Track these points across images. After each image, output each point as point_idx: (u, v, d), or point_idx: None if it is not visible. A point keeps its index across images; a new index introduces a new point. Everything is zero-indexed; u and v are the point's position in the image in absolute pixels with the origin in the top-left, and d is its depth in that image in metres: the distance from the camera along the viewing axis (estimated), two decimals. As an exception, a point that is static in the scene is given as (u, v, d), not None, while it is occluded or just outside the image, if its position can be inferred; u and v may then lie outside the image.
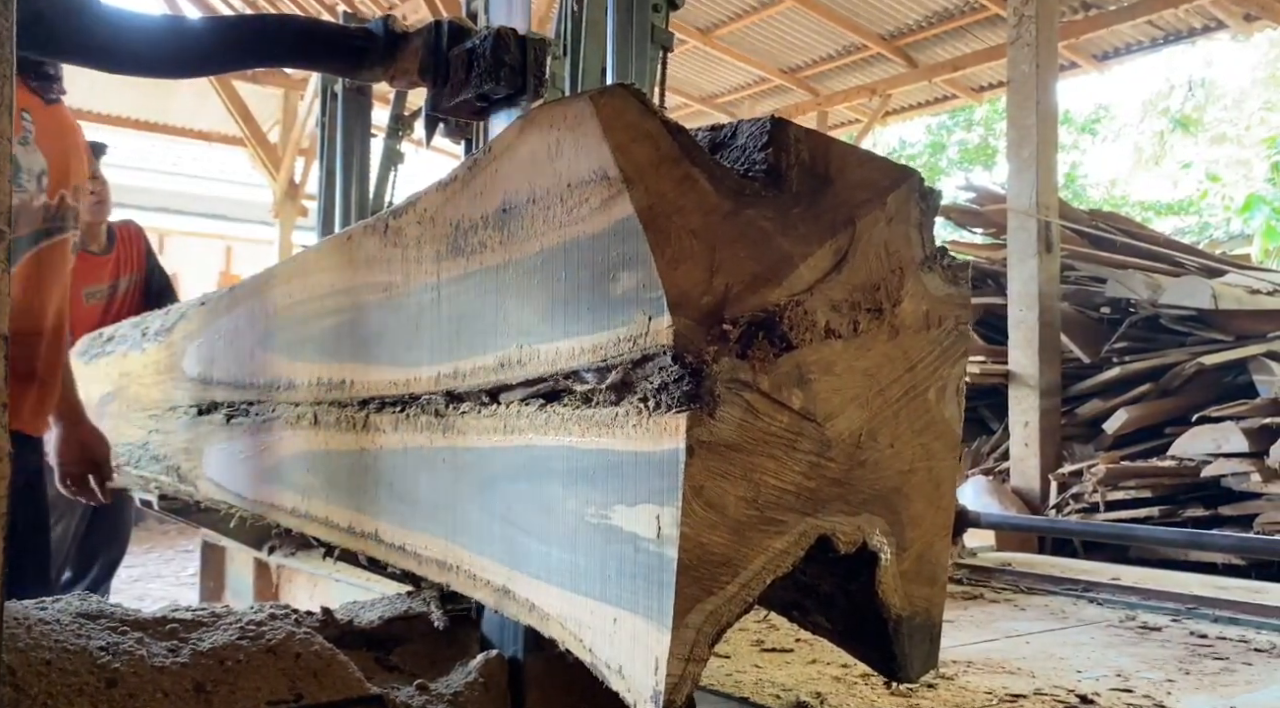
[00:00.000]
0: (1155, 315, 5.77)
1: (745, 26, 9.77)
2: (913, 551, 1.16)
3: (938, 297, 1.16)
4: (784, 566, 1.04)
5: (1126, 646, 2.02)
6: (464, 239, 1.29)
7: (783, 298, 1.03)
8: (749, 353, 0.99)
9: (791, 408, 1.03)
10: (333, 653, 1.18)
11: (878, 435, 1.11)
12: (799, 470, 1.04)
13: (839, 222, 1.07)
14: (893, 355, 1.12)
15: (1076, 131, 18.11)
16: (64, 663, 1.02)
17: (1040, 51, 5.96)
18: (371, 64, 1.60)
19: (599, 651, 1.07)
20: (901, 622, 1.16)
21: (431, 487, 1.40)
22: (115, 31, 1.45)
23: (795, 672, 1.72)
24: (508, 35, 1.41)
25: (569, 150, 1.07)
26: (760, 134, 1.05)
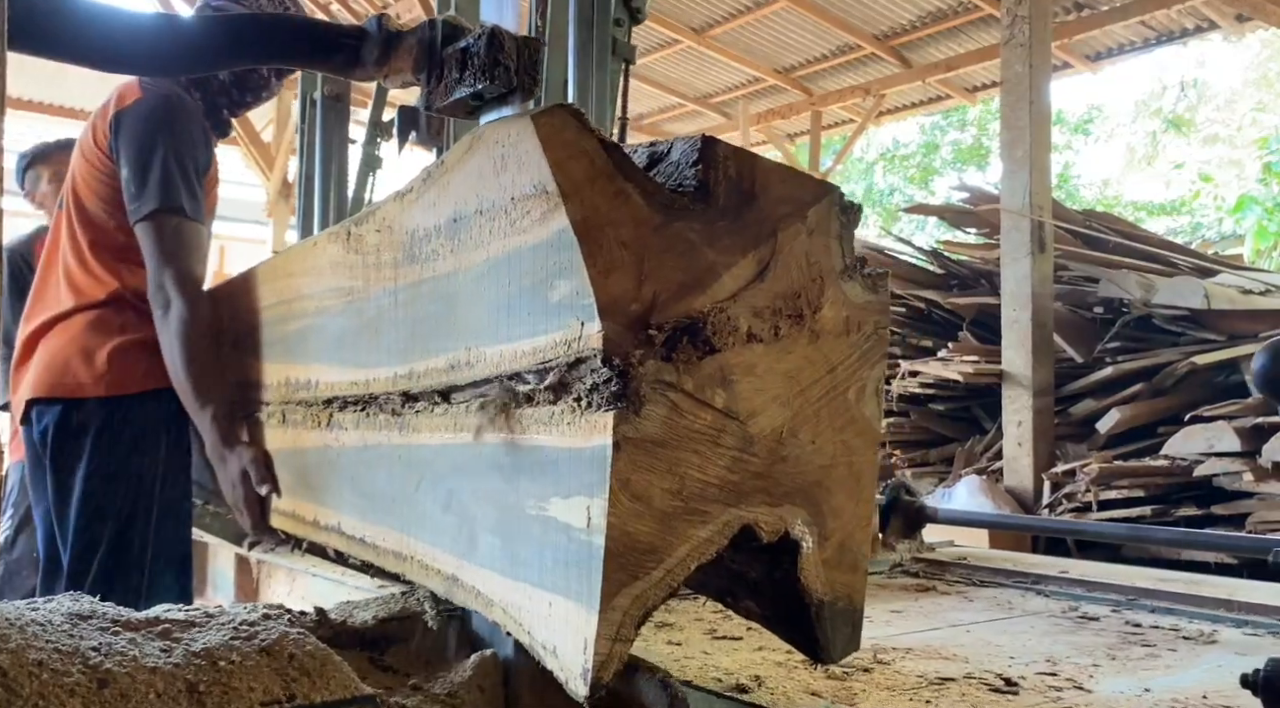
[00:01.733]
0: (1148, 315, 5.79)
1: (739, 26, 9.78)
2: (834, 540, 1.24)
3: (857, 303, 1.24)
4: (708, 553, 1.11)
5: (1063, 634, 2.08)
6: (419, 247, 1.39)
7: (707, 305, 1.10)
8: (674, 356, 1.07)
9: (714, 407, 1.10)
10: (327, 653, 1.18)
11: (799, 432, 1.19)
12: (722, 465, 1.12)
13: (762, 234, 1.15)
14: (813, 358, 1.20)
15: (1069, 132, 18.16)
16: (56, 663, 1.02)
17: (1034, 52, 5.97)
18: (365, 62, 1.60)
19: (536, 633, 1.15)
20: (824, 607, 1.24)
21: (389, 482, 1.49)
22: (108, 30, 1.44)
23: (741, 658, 1.78)
24: (502, 35, 1.40)
25: (513, 166, 1.14)
26: (691, 151, 1.13)
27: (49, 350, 2.25)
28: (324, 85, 3.56)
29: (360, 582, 2.19)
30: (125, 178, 2.20)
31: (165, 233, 2.17)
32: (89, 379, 2.20)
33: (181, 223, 2.19)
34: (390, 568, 1.51)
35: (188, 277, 2.16)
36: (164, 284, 2.13)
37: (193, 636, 1.14)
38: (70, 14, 1.40)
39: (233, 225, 14.92)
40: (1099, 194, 18.34)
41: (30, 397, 2.24)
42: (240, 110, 2.63)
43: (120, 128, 2.23)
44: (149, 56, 1.54)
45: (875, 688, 1.61)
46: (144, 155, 2.20)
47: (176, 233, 2.18)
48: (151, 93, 2.28)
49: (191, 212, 2.22)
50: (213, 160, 2.41)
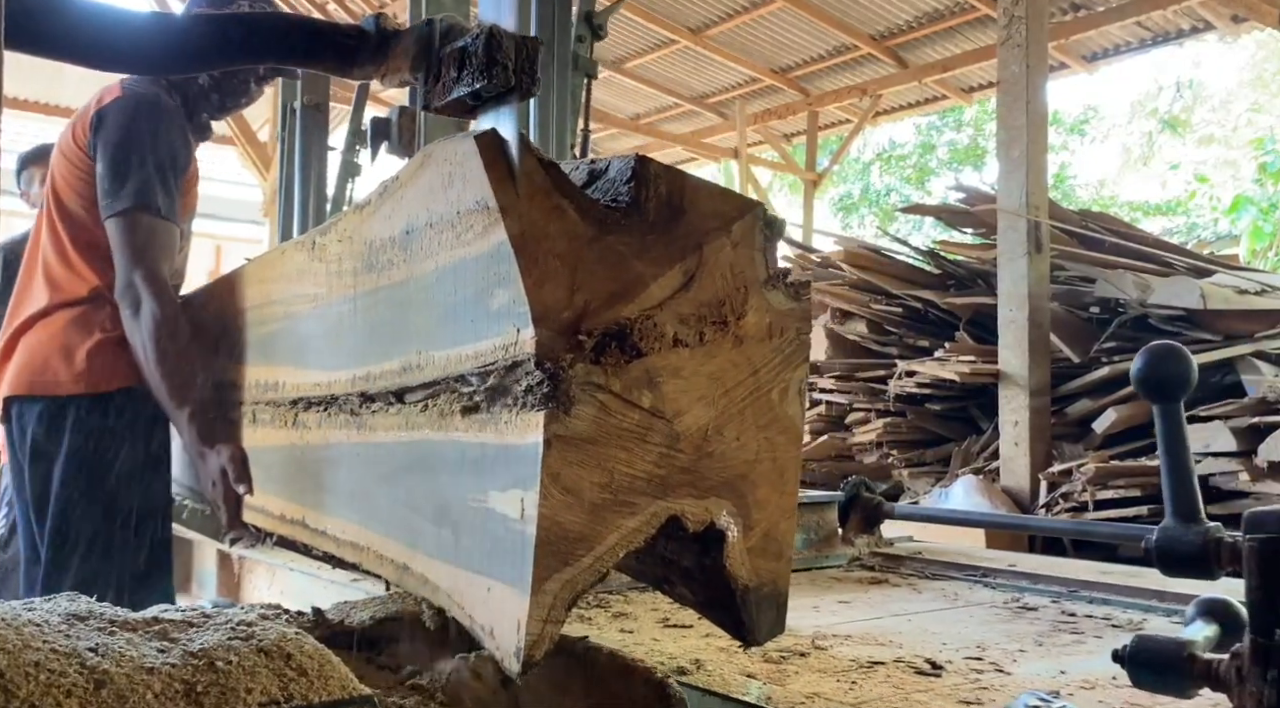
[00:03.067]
0: (1144, 315, 5.79)
1: (736, 26, 9.79)
2: (759, 530, 1.32)
3: (780, 310, 1.32)
4: (636, 541, 1.20)
5: (999, 623, 2.14)
6: (376, 257, 1.48)
7: (635, 312, 1.19)
8: (602, 360, 1.15)
9: (641, 407, 1.19)
10: (325, 654, 1.18)
11: (724, 430, 1.27)
12: (650, 460, 1.20)
13: (689, 246, 1.23)
14: (737, 361, 1.28)
15: (1065, 132, 18.18)
16: (53, 664, 1.02)
17: (1030, 52, 5.98)
18: (363, 62, 1.60)
19: (476, 616, 1.24)
20: (749, 592, 1.32)
21: (348, 477, 1.60)
22: (103, 28, 1.44)
23: (687, 644, 1.85)
24: (500, 34, 1.40)
25: (459, 182, 1.24)
26: (626, 169, 1.22)
27: (29, 348, 2.26)
28: (304, 94, 3.62)
29: (335, 576, 2.25)
30: (100, 174, 2.21)
31: (137, 230, 2.18)
32: (68, 377, 2.21)
33: (154, 221, 2.20)
34: (349, 558, 1.63)
35: (158, 275, 2.17)
36: (133, 282, 2.14)
37: (190, 636, 1.13)
38: (65, 12, 1.39)
39: (229, 225, 14.91)
40: (1095, 194, 18.37)
41: (9, 394, 2.25)
42: (221, 114, 2.64)
43: (100, 126, 2.24)
44: (144, 55, 1.54)
45: (808, 671, 1.69)
46: (120, 153, 2.21)
47: (149, 231, 2.19)
48: (132, 93, 2.29)
49: (165, 211, 2.22)
50: (192, 161, 2.42)
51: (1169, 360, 1.33)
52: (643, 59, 10.81)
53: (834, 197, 19.14)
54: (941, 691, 1.59)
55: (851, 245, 7.55)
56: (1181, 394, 1.34)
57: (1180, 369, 1.32)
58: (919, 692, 1.57)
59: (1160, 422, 1.34)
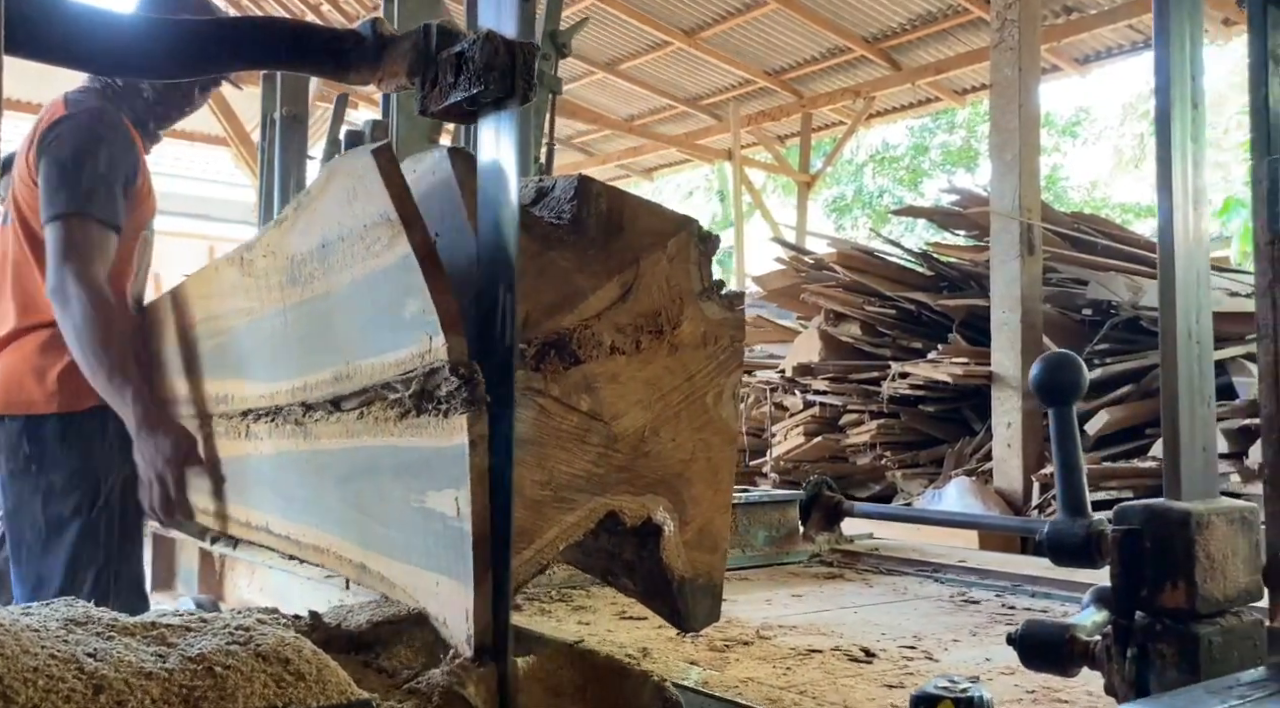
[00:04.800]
0: (1136, 317, 5.81)
1: (730, 28, 9.80)
2: (694, 525, 1.38)
3: (714, 320, 1.38)
4: (575, 535, 1.27)
5: (942, 615, 2.19)
6: (298, 270, 1.55)
7: (574, 323, 1.25)
8: (541, 366, 1.22)
9: (580, 410, 1.25)
10: (322, 658, 1.18)
11: (660, 432, 1.33)
12: (588, 459, 1.26)
13: (626, 260, 1.29)
14: (673, 367, 1.34)
15: (1057, 134, 18.24)
16: (51, 669, 1.02)
17: (1023, 55, 6.00)
18: (359, 66, 1.59)
19: (430, 608, 1.32)
20: (685, 582, 1.39)
21: (302, 484, 1.67)
22: (98, 32, 1.44)
23: (638, 634, 1.92)
24: (497, 39, 1.41)
25: (362, 196, 1.30)
26: (569, 188, 1.29)
27: (3, 368, 2.35)
28: (283, 106, 3.70)
29: (310, 573, 2.27)
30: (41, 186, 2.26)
31: (71, 233, 2.23)
32: (41, 398, 2.31)
33: (89, 225, 2.25)
34: (312, 560, 1.72)
35: (87, 272, 2.22)
36: (64, 281, 2.20)
37: (189, 641, 1.14)
38: (60, 16, 1.39)
39: (221, 226, 14.88)
40: (1087, 196, 18.43)
41: None
42: (166, 124, 2.72)
43: (44, 146, 2.31)
44: (140, 59, 1.54)
45: (748, 658, 1.76)
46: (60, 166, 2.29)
47: (83, 234, 2.24)
48: (75, 110, 2.37)
49: (104, 216, 2.27)
50: (142, 171, 2.50)
51: (1062, 369, 1.43)
52: (636, 60, 10.81)
53: (827, 198, 19.17)
54: (869, 676, 1.65)
55: (845, 247, 7.56)
56: (1073, 399, 1.43)
57: (1072, 377, 1.42)
58: (848, 677, 1.64)
59: (1054, 424, 1.44)
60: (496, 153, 1.42)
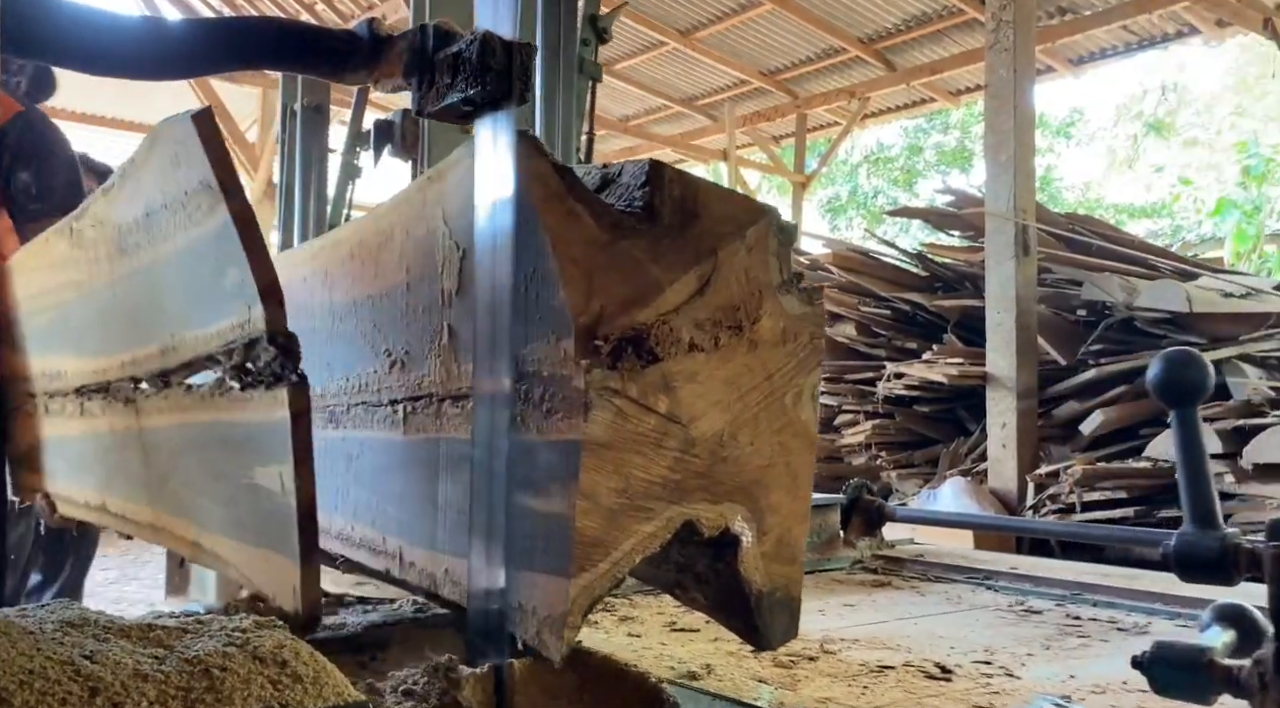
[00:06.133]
0: (1130, 318, 5.83)
1: (725, 29, 9.80)
2: (772, 534, 1.30)
3: (794, 315, 1.31)
4: (652, 547, 1.19)
5: (1005, 626, 2.14)
6: (125, 240, 1.52)
7: (651, 317, 1.17)
8: (619, 365, 1.14)
9: (658, 412, 1.18)
10: (320, 660, 1.17)
11: (738, 435, 1.26)
12: (665, 465, 1.19)
13: (704, 251, 1.22)
14: (752, 366, 1.27)
15: (1051, 135, 18.28)
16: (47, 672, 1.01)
17: (1018, 57, 6.01)
18: (356, 66, 1.59)
19: (260, 584, 1.30)
20: (763, 597, 1.31)
21: (138, 463, 1.63)
22: (96, 33, 1.43)
23: (695, 648, 1.85)
24: (494, 40, 1.40)
25: (184, 162, 1.27)
26: (640, 174, 1.21)
27: None
28: (304, 96, 3.59)
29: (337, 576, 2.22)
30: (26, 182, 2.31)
31: None
32: None
33: None
34: (148, 540, 1.68)
35: None
36: None
37: (186, 643, 1.13)
38: (57, 16, 1.39)
39: (215, 226, 14.84)
40: (1081, 196, 18.47)
41: None
42: None
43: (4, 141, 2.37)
44: (138, 60, 1.53)
45: (818, 675, 1.68)
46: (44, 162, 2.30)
47: None
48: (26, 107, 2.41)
49: None
50: None
51: (1186, 367, 1.31)
52: (632, 61, 10.81)
53: (822, 199, 19.18)
54: (953, 695, 1.58)
55: (840, 248, 7.57)
56: (1198, 399, 1.32)
57: (1196, 376, 1.31)
58: (930, 697, 1.57)
59: (1177, 428, 1.32)
60: (494, 154, 1.42)
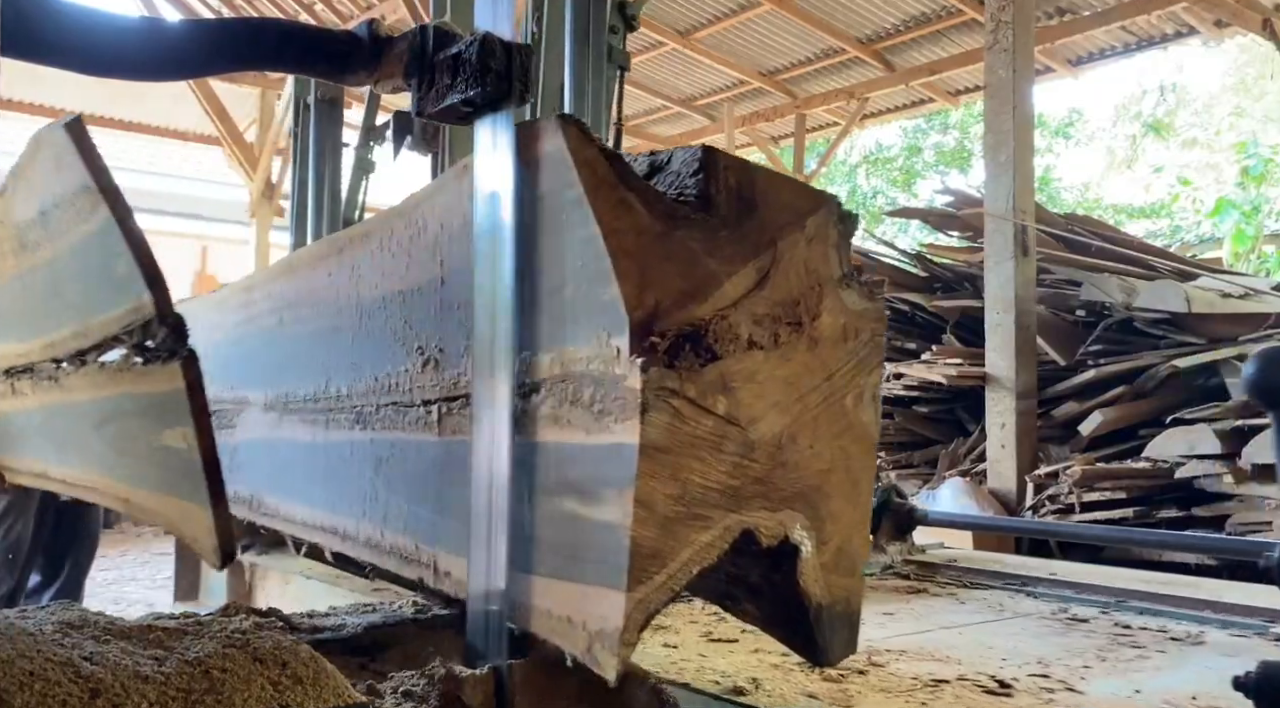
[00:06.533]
0: (1129, 319, 5.83)
1: (724, 29, 9.80)
2: (832, 544, 1.24)
3: (855, 311, 1.25)
4: (710, 558, 1.12)
5: (1054, 636, 2.10)
6: (26, 236, 1.64)
7: (709, 313, 1.11)
8: (676, 363, 1.08)
9: (716, 413, 1.11)
10: (319, 661, 1.18)
11: (798, 438, 1.20)
12: (724, 470, 1.12)
13: (762, 242, 1.16)
14: (812, 365, 1.21)
15: (1050, 135, 18.27)
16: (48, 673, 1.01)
17: (1017, 57, 6.01)
18: (356, 68, 1.59)
19: (183, 531, 1.44)
20: (822, 610, 1.24)
21: (67, 431, 1.78)
22: (97, 35, 1.43)
23: (737, 660, 1.80)
24: (493, 41, 1.41)
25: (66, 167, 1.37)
26: (692, 161, 1.15)
27: None
28: (318, 89, 3.56)
29: (355, 584, 2.21)
30: None
31: None
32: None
33: None
34: (90, 499, 1.84)
35: None
36: None
37: (185, 644, 1.13)
38: (58, 18, 1.39)
39: (215, 225, 14.83)
40: (1080, 197, 18.46)
41: None
42: None
43: None
44: (138, 61, 1.53)
45: (870, 691, 1.63)
46: None
47: None
48: None
49: None
50: None
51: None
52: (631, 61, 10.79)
53: (821, 199, 19.13)
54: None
55: (839, 248, 7.55)
56: None
57: None
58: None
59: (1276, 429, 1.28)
60: (493, 154, 1.42)
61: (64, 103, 10.50)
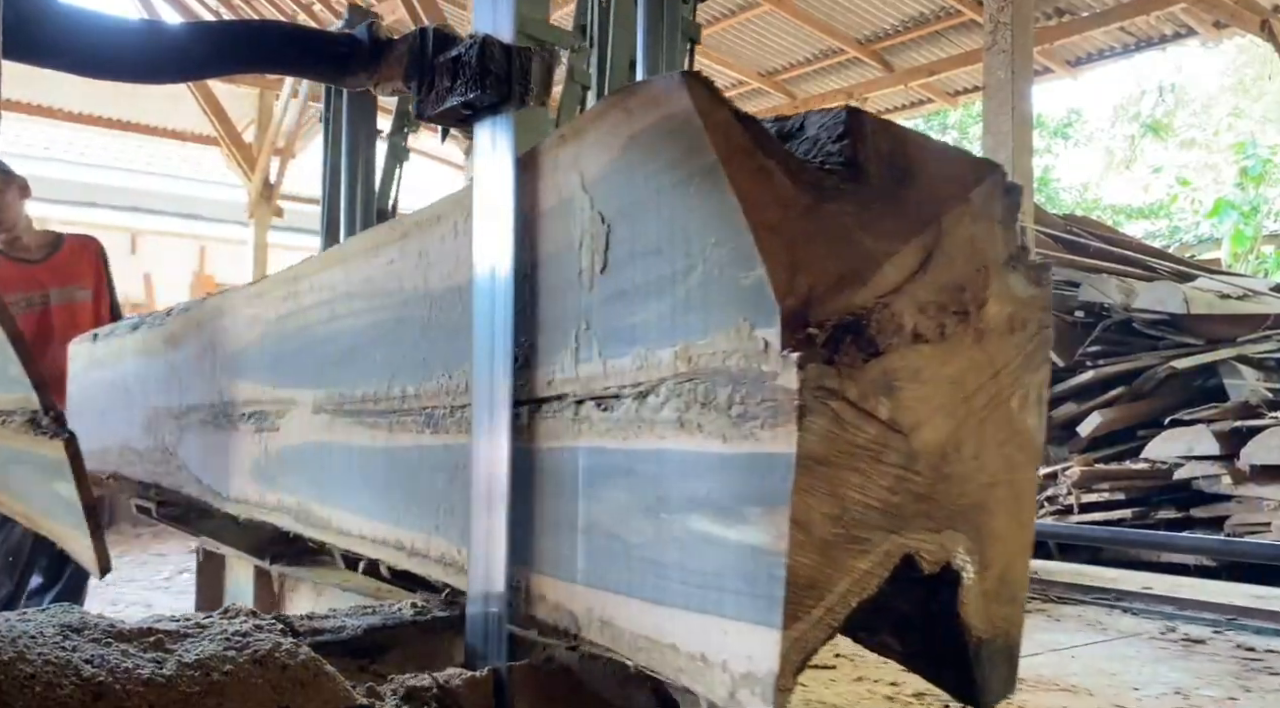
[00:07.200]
0: (1128, 319, 5.84)
1: (723, 30, 9.80)
2: (995, 569, 1.09)
3: (1021, 298, 1.10)
4: (869, 588, 0.98)
5: (1175, 659, 1.98)
6: None
7: (869, 299, 0.96)
8: (836, 359, 0.93)
9: (878, 418, 0.96)
10: (320, 663, 1.18)
11: (961, 447, 1.04)
12: (885, 485, 0.97)
13: (924, 218, 1.01)
14: (978, 361, 1.05)
15: (1049, 136, 18.30)
16: (48, 677, 1.01)
17: (1016, 58, 6.02)
18: (356, 70, 1.60)
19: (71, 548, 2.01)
20: (983, 645, 1.09)
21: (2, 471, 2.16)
22: (97, 38, 1.43)
23: (842, 690, 1.68)
24: (493, 44, 1.41)
25: None
26: (834, 125, 1.00)
27: None
28: None
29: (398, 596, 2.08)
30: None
31: None
32: None
33: None
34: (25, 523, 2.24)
35: None
36: None
37: (185, 647, 1.13)
38: (59, 21, 1.39)
39: (214, 226, 14.84)
40: (1078, 197, 18.49)
41: None
42: None
43: None
44: (138, 64, 1.54)
45: None
46: None
47: None
48: None
49: None
50: None
51: None
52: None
53: (820, 199, 19.17)
54: None
55: (838, 249, 7.56)
56: None
57: None
58: None
59: None
60: (492, 156, 1.42)
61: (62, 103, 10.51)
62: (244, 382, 2.16)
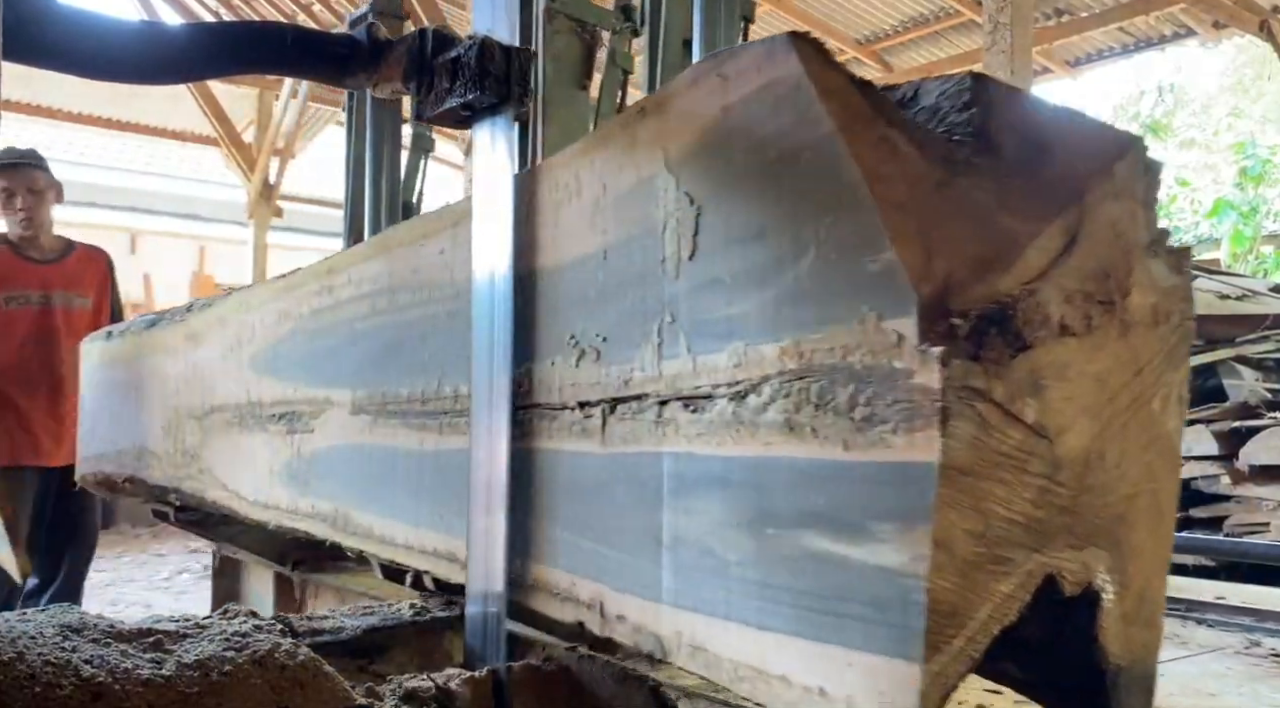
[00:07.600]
0: (1127, 319, 5.84)
1: (722, 30, 9.81)
2: (1134, 589, 0.98)
3: (1164, 287, 0.99)
4: (1010, 614, 0.87)
5: (1272, 678, 1.88)
6: None
7: (1013, 286, 0.84)
8: (981, 354, 0.82)
9: (1024, 422, 0.85)
10: (319, 664, 1.18)
11: (1105, 453, 0.93)
12: (1028, 497, 0.87)
13: (1066, 195, 0.91)
14: (1123, 357, 0.94)
15: (1049, 136, 18.30)
16: (48, 677, 1.02)
17: (1015, 58, 6.02)
18: (355, 71, 1.60)
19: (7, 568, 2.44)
20: (1120, 672, 0.98)
21: None
22: (97, 38, 1.44)
23: None
24: (493, 45, 1.41)
25: None
26: (958, 92, 0.90)
27: None
28: None
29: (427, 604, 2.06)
30: None
31: None
32: None
33: None
34: None
35: None
36: None
37: (185, 647, 1.13)
38: (59, 22, 1.39)
39: (213, 226, 14.85)
40: (1078, 198, 18.49)
41: None
42: None
43: None
44: (138, 65, 1.54)
45: None
46: None
47: None
48: None
49: None
50: None
51: None
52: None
53: (819, 199, 19.18)
54: None
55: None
56: None
57: None
58: None
59: None
60: (491, 158, 1.43)
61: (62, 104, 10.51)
62: (273, 380, 2.03)
